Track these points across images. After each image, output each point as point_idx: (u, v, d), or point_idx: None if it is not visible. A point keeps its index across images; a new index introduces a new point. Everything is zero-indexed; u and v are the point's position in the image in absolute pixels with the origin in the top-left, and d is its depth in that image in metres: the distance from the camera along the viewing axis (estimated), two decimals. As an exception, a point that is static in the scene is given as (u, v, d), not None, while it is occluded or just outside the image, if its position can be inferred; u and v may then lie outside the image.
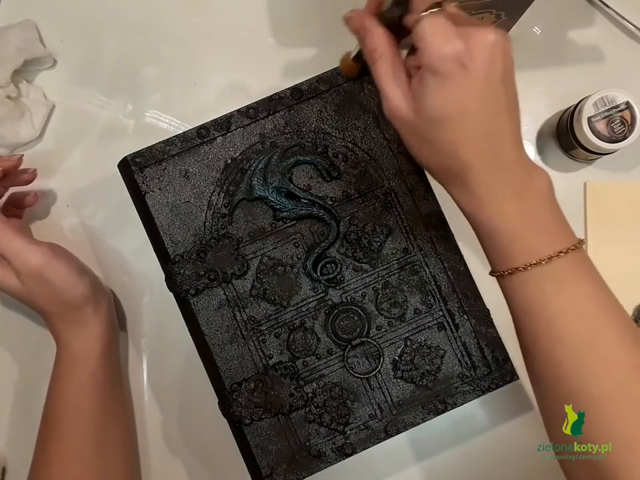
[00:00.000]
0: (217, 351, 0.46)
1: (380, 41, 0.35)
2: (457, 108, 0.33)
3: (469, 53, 0.32)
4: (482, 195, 0.35)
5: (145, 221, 0.48)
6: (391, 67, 0.35)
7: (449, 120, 0.33)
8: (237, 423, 0.46)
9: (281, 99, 0.47)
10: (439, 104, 0.33)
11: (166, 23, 0.57)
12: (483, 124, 0.33)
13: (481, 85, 0.32)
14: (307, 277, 0.47)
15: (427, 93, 0.33)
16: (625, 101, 0.50)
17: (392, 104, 0.35)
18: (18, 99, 0.54)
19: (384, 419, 0.47)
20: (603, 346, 0.35)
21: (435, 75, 0.32)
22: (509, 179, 0.35)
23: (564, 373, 0.36)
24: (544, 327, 0.36)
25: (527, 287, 0.36)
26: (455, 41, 0.32)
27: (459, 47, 0.31)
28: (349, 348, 0.47)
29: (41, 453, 0.48)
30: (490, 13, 0.49)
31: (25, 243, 0.45)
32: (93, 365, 0.48)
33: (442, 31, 0.32)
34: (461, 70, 0.32)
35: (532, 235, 0.35)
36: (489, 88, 0.33)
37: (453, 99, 0.33)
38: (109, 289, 0.53)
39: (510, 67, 0.34)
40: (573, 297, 0.36)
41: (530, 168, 0.36)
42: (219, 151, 0.47)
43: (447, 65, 0.32)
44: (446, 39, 0.32)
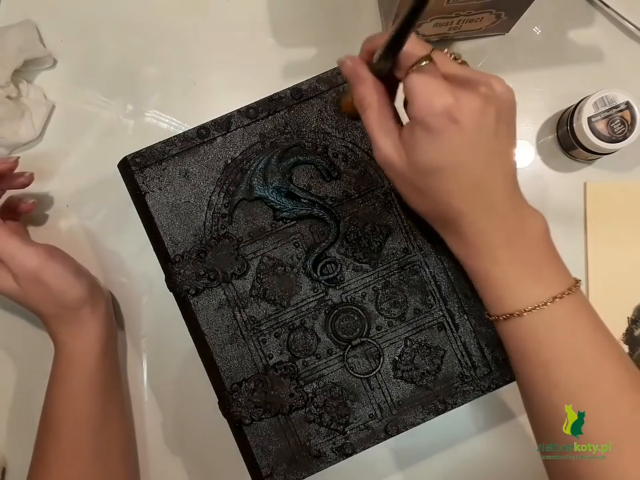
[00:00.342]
0: (217, 350, 0.46)
1: (369, 90, 0.35)
2: (448, 160, 0.33)
3: (458, 106, 0.31)
4: (476, 244, 0.35)
5: (144, 221, 0.48)
6: (380, 117, 0.35)
7: (441, 171, 0.33)
8: (237, 423, 0.46)
9: (280, 99, 0.47)
10: (431, 157, 0.33)
11: (166, 23, 0.57)
12: (475, 174, 0.33)
13: (471, 138, 0.32)
14: (307, 277, 0.47)
15: (417, 145, 0.33)
16: (624, 100, 0.50)
17: (382, 153, 0.35)
18: (18, 99, 0.54)
19: (384, 418, 0.47)
20: (600, 390, 0.35)
21: (425, 129, 0.32)
22: (502, 227, 0.35)
23: (561, 417, 0.35)
24: (541, 371, 0.36)
25: (521, 332, 0.36)
26: (444, 96, 0.31)
27: (449, 102, 0.31)
28: (348, 348, 0.47)
29: (40, 454, 0.48)
30: (490, 13, 0.49)
31: (21, 245, 0.45)
32: (91, 366, 0.48)
33: (431, 86, 0.32)
34: (452, 124, 0.32)
35: (526, 282, 0.35)
36: (481, 140, 0.33)
37: (445, 152, 0.33)
38: (107, 290, 0.53)
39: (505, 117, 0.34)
40: (569, 342, 0.35)
41: (525, 213, 0.36)
42: (219, 151, 0.47)
43: (436, 120, 0.31)
44: (435, 93, 0.31)
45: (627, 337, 0.54)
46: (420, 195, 0.35)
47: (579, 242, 0.55)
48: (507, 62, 0.56)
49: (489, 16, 0.50)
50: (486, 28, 0.53)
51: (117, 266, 0.55)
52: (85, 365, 0.48)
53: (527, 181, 0.55)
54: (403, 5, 0.39)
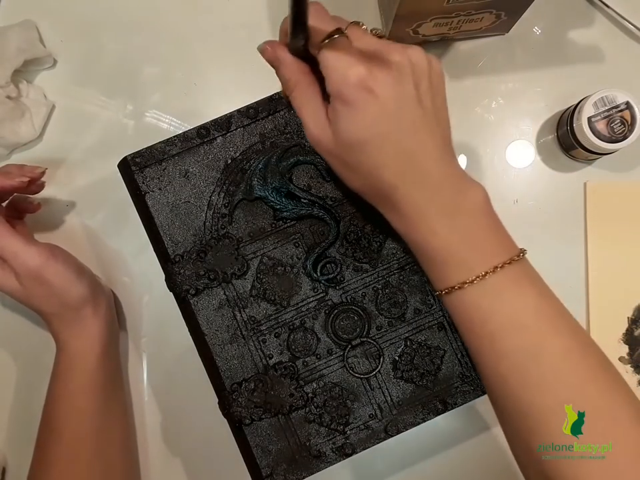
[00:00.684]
0: (217, 350, 0.46)
1: (292, 70, 0.35)
2: (370, 132, 0.32)
3: (372, 76, 0.31)
4: (412, 216, 0.35)
5: (144, 221, 0.48)
6: (306, 96, 0.35)
7: (365, 145, 0.33)
8: (237, 423, 0.46)
9: (281, 99, 0.47)
10: (352, 130, 0.32)
11: (166, 23, 0.57)
12: (400, 145, 0.33)
13: (391, 107, 0.32)
14: (307, 277, 0.47)
15: (339, 120, 0.33)
16: (625, 100, 0.50)
17: (310, 132, 0.35)
18: (18, 98, 0.54)
19: (384, 419, 0.47)
20: (548, 359, 0.34)
21: (343, 103, 0.32)
22: (438, 198, 0.34)
23: (510, 388, 0.35)
24: (487, 343, 0.35)
25: (465, 304, 0.35)
26: (357, 67, 0.31)
27: (362, 72, 0.31)
28: (349, 348, 0.47)
29: (40, 453, 0.48)
30: (490, 13, 0.49)
31: (23, 244, 0.45)
32: (92, 365, 0.48)
33: (343, 58, 0.32)
34: (368, 95, 0.31)
35: (465, 252, 0.35)
36: (402, 109, 0.32)
37: (365, 124, 0.32)
38: (108, 290, 0.53)
39: (426, 85, 0.34)
40: (513, 311, 0.35)
41: (462, 183, 0.35)
42: (219, 151, 0.47)
43: (351, 92, 0.31)
44: (347, 65, 0.31)
45: (627, 337, 0.54)
46: (351, 172, 0.35)
47: (579, 242, 0.55)
48: (506, 62, 0.56)
49: (489, 16, 0.50)
50: (486, 28, 0.53)
51: (116, 266, 0.55)
52: (86, 364, 0.48)
53: (527, 181, 0.55)
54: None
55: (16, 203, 0.52)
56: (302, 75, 0.35)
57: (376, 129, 0.32)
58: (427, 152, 0.34)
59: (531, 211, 0.55)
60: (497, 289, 0.34)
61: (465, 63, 0.56)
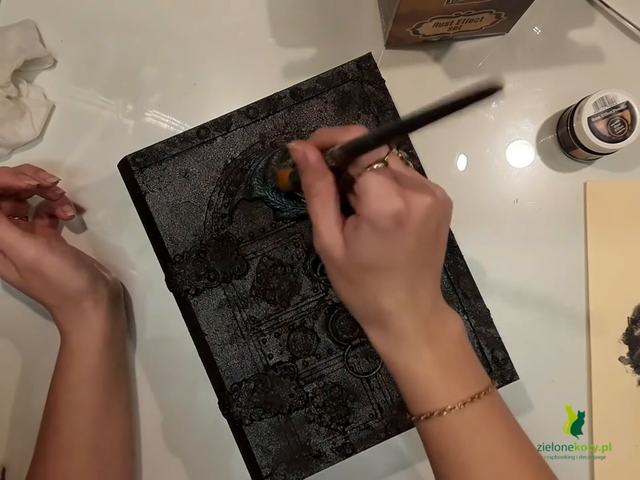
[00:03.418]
0: (217, 350, 0.46)
1: (318, 178, 0.35)
2: (386, 260, 0.34)
3: (407, 212, 0.33)
4: (400, 340, 0.36)
5: (144, 221, 0.48)
6: (326, 206, 0.35)
7: (378, 270, 0.34)
8: (237, 423, 0.46)
9: (280, 99, 0.47)
10: (372, 254, 0.34)
11: (166, 23, 0.57)
12: (408, 278, 0.35)
13: (413, 243, 0.33)
14: (307, 277, 0.47)
15: (360, 241, 0.34)
16: (625, 101, 0.50)
17: (323, 241, 0.35)
18: (18, 99, 0.54)
19: (384, 418, 0.47)
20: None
21: (372, 228, 0.33)
22: (425, 327, 0.36)
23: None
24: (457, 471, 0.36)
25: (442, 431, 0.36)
26: (395, 200, 0.32)
27: (399, 207, 0.32)
28: (349, 348, 0.47)
29: (40, 446, 0.48)
30: (490, 13, 0.49)
31: (19, 236, 0.45)
32: (93, 359, 0.48)
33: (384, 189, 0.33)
34: (397, 227, 0.33)
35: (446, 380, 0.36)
36: (420, 246, 0.34)
37: (385, 252, 0.34)
38: (116, 283, 0.53)
39: (444, 227, 0.36)
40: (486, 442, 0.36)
41: (444, 314, 0.37)
42: (219, 151, 0.47)
43: (385, 222, 0.32)
44: (387, 197, 0.33)
45: (627, 337, 0.54)
46: (351, 287, 0.36)
47: (579, 242, 0.55)
48: (507, 62, 0.56)
49: (489, 16, 0.50)
50: (486, 28, 0.53)
51: (116, 266, 0.55)
52: (86, 357, 0.48)
53: (527, 180, 0.55)
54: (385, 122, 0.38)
55: (48, 207, 0.52)
56: (327, 185, 0.35)
57: (393, 259, 0.34)
58: (427, 285, 0.36)
59: (531, 211, 0.55)
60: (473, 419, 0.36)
61: (465, 63, 0.56)
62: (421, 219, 0.33)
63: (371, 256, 0.34)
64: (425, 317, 0.36)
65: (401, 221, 0.32)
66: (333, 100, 0.48)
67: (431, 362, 0.36)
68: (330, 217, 0.35)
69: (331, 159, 0.35)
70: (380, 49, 0.55)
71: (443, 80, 0.56)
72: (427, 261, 0.35)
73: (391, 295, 0.35)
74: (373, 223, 0.33)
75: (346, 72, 0.48)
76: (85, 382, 0.48)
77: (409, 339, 0.36)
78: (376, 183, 0.33)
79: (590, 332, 0.54)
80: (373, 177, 0.33)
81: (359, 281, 0.35)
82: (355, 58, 0.49)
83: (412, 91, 0.54)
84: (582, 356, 0.54)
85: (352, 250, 0.34)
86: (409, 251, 0.34)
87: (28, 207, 0.53)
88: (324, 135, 0.36)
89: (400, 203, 0.32)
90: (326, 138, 0.35)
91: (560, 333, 0.54)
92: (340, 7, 0.56)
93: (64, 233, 0.55)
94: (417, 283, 0.35)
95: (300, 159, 0.35)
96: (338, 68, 0.48)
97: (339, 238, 0.35)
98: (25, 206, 0.52)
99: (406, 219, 0.33)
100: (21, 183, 0.47)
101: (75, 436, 0.48)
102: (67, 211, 0.52)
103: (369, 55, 0.49)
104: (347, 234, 0.35)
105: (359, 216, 0.34)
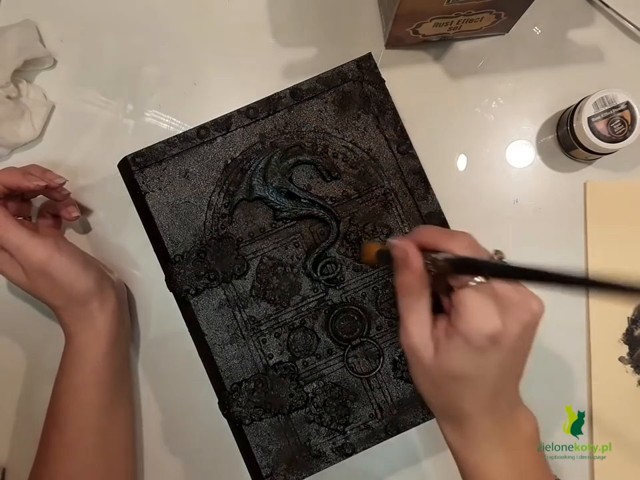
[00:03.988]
0: (217, 350, 0.46)
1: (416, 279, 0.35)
2: (476, 372, 0.34)
3: (504, 332, 0.32)
4: (474, 441, 0.36)
5: (144, 221, 0.48)
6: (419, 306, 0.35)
7: (465, 380, 0.34)
8: (237, 423, 0.46)
9: (280, 99, 0.47)
10: (461, 365, 0.34)
11: (166, 23, 0.57)
12: (494, 387, 0.35)
13: (506, 359, 0.34)
14: (307, 277, 0.47)
15: (452, 351, 0.34)
16: (625, 100, 0.50)
17: (411, 341, 0.35)
18: (18, 99, 0.54)
19: (384, 418, 0.47)
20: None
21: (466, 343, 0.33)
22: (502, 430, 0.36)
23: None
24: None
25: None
26: (494, 320, 0.32)
27: (497, 327, 0.32)
28: (349, 348, 0.47)
29: (43, 447, 0.48)
30: (490, 13, 0.49)
31: (27, 237, 0.45)
32: (98, 360, 0.48)
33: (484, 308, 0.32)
34: (493, 345, 0.33)
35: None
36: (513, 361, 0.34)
37: (476, 367, 0.34)
38: (120, 284, 0.53)
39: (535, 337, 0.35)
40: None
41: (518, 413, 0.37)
42: (219, 151, 0.47)
43: (482, 340, 0.32)
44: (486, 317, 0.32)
45: (627, 337, 0.54)
46: (434, 388, 0.36)
47: (579, 242, 0.55)
48: (507, 62, 0.56)
49: (489, 16, 0.50)
50: (486, 28, 0.53)
51: (116, 266, 0.55)
52: (91, 358, 0.48)
53: (527, 180, 0.55)
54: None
55: (53, 208, 0.52)
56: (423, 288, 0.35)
57: (483, 372, 0.34)
58: (510, 391, 0.36)
59: (531, 211, 0.55)
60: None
61: (465, 63, 0.56)
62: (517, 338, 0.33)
63: (461, 368, 0.34)
64: (503, 421, 0.36)
65: (497, 340, 0.32)
66: (333, 100, 0.48)
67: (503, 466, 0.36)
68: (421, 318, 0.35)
69: (433, 266, 0.34)
70: (380, 49, 0.55)
71: (443, 80, 0.56)
72: (512, 373, 0.35)
73: (474, 402, 0.35)
74: (469, 339, 0.33)
75: (346, 72, 0.48)
76: (90, 382, 0.48)
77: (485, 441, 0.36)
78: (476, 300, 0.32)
79: (590, 332, 0.54)
80: (473, 294, 0.33)
81: (442, 384, 0.35)
82: (355, 58, 0.49)
83: (412, 91, 0.54)
84: (582, 356, 0.54)
85: (442, 357, 0.34)
86: (499, 365, 0.34)
87: (31, 207, 0.53)
88: (426, 236, 0.35)
89: (498, 323, 0.32)
90: (428, 239, 0.35)
91: (560, 333, 0.54)
92: (340, 7, 0.56)
93: (63, 233, 0.55)
94: (500, 391, 0.35)
95: (400, 257, 0.35)
96: (338, 68, 0.48)
97: (429, 342, 0.35)
98: (28, 206, 0.52)
99: (502, 337, 0.32)
100: (29, 184, 0.46)
101: (79, 437, 0.48)
102: (72, 211, 0.52)
103: (369, 54, 0.49)
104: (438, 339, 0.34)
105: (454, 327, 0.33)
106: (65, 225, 0.55)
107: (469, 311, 0.33)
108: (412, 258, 0.34)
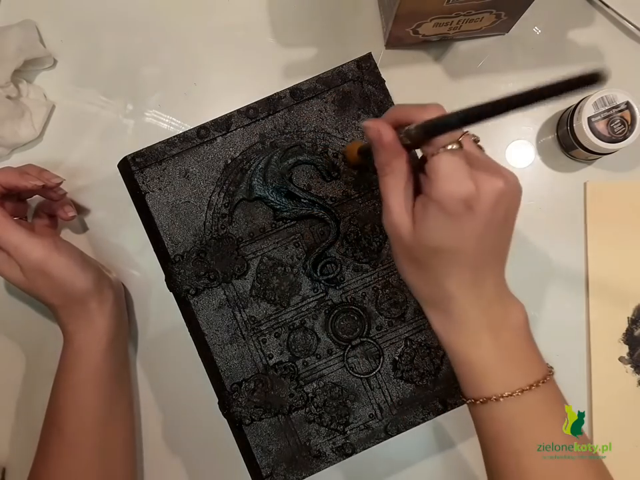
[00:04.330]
0: (217, 350, 0.46)
1: (393, 156, 0.35)
2: (454, 243, 0.33)
3: (477, 196, 0.32)
4: (460, 325, 0.36)
5: (144, 221, 0.48)
6: (399, 185, 0.35)
7: (444, 252, 0.34)
8: (237, 423, 0.46)
9: (280, 99, 0.47)
10: (438, 236, 0.33)
11: (166, 23, 0.57)
12: (474, 262, 0.34)
13: (481, 227, 0.33)
14: (307, 277, 0.47)
15: (428, 222, 0.33)
16: (625, 100, 0.50)
17: (392, 217, 0.35)
18: (18, 99, 0.54)
19: (384, 418, 0.47)
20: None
21: (440, 210, 0.33)
22: (487, 313, 0.36)
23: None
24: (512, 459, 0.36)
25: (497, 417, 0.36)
26: (467, 183, 0.32)
27: (470, 190, 0.32)
28: (349, 348, 0.47)
29: (43, 446, 0.48)
30: (490, 13, 0.49)
31: (25, 237, 0.45)
32: (96, 359, 0.48)
33: (456, 171, 0.32)
34: (467, 211, 0.32)
35: (506, 367, 0.36)
36: (488, 231, 0.33)
37: (453, 236, 0.33)
38: (118, 284, 0.53)
39: (513, 213, 0.35)
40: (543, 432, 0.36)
41: (508, 301, 0.37)
42: (219, 151, 0.47)
43: (454, 205, 0.32)
44: (459, 179, 0.32)
45: (627, 337, 0.54)
46: (417, 268, 0.36)
47: (579, 242, 0.55)
48: (507, 62, 0.56)
49: (489, 16, 0.50)
50: (486, 28, 0.53)
51: (116, 266, 0.55)
52: (90, 357, 0.48)
53: (527, 180, 0.55)
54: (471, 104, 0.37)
55: (49, 207, 0.52)
56: (401, 164, 0.35)
57: (460, 242, 0.33)
58: (492, 271, 0.35)
59: (530, 211, 0.55)
60: (530, 406, 0.35)
61: (465, 63, 0.56)
62: (491, 204, 0.32)
63: (438, 237, 0.33)
64: (488, 304, 0.35)
65: (470, 204, 0.32)
66: (333, 100, 0.48)
67: (490, 348, 0.35)
68: (401, 196, 0.35)
69: (407, 137, 0.33)
70: (380, 49, 0.56)
71: (443, 80, 0.56)
72: (493, 247, 0.35)
73: (455, 278, 0.34)
74: (442, 205, 0.32)
75: (346, 72, 0.48)
76: (89, 382, 0.48)
77: (470, 323, 0.35)
78: (448, 164, 0.32)
79: (590, 332, 0.54)
80: (446, 157, 0.32)
81: (424, 261, 0.35)
82: (355, 58, 0.49)
83: (412, 91, 0.54)
84: (582, 356, 0.54)
85: (420, 229, 0.34)
86: (476, 235, 0.33)
87: (27, 207, 0.53)
88: (398, 112, 0.35)
89: (471, 187, 0.32)
90: (400, 115, 0.35)
91: (560, 333, 0.54)
92: (340, 7, 0.56)
93: (63, 233, 0.55)
94: (482, 268, 0.35)
95: (374, 137, 0.35)
96: (338, 68, 0.48)
97: (409, 217, 0.34)
98: (24, 206, 0.52)
99: (476, 202, 0.32)
100: (26, 183, 0.47)
101: (78, 436, 0.48)
102: (68, 211, 0.52)
103: (369, 54, 0.49)
104: (416, 213, 0.34)
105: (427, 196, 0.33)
106: (62, 225, 0.55)
107: (440, 177, 0.32)
108: (385, 135, 0.34)
